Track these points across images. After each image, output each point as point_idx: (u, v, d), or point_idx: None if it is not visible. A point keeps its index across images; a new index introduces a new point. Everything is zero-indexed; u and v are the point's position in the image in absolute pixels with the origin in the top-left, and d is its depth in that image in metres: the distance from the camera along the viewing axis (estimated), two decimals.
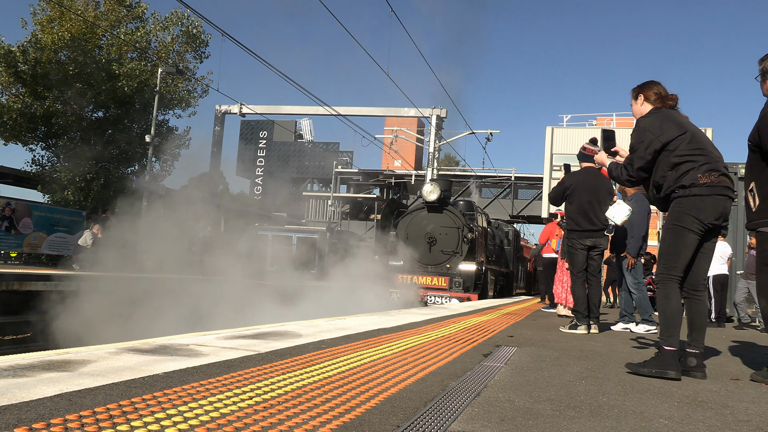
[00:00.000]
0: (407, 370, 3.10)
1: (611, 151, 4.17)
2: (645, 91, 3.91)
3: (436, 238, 14.60)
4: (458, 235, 14.55)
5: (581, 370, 3.59)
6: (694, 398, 2.88)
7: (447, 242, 14.56)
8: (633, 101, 4.00)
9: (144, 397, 2.09)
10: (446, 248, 14.56)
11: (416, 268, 14.64)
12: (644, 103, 3.91)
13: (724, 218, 3.59)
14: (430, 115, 25.52)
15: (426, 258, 14.72)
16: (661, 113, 3.75)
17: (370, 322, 5.69)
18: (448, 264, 14.48)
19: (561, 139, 28.31)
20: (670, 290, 3.55)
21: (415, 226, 14.94)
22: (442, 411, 2.25)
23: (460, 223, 14.60)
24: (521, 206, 35.99)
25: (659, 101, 3.85)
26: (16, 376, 2.28)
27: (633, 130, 3.78)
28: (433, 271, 14.58)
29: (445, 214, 14.75)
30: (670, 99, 3.85)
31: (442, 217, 14.72)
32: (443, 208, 14.77)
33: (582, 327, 6.18)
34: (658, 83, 3.93)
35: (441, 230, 14.62)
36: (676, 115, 3.75)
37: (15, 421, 1.70)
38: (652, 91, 3.88)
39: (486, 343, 4.65)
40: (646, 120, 3.75)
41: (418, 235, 14.75)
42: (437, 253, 14.63)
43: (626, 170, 3.78)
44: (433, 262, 14.68)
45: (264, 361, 3.04)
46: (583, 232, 6.26)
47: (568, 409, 2.43)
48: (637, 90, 3.96)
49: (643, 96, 3.92)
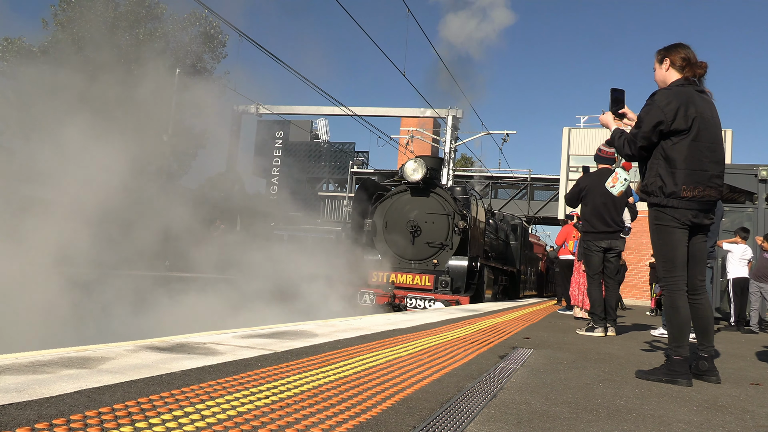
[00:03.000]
0: (423, 371, 3.10)
1: (619, 113, 3.80)
2: (672, 55, 3.57)
3: (421, 227, 11.96)
4: (448, 223, 11.87)
5: (598, 373, 3.56)
6: (714, 403, 2.85)
7: (434, 232, 11.92)
8: (657, 65, 3.65)
9: (162, 394, 2.11)
10: (433, 240, 11.88)
11: (397, 264, 12.11)
12: (669, 69, 3.58)
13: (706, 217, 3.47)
14: (446, 116, 25.47)
15: (408, 252, 12.11)
16: (683, 94, 3.44)
17: (385, 322, 5.69)
18: (436, 259, 11.87)
19: (578, 140, 28.15)
20: (676, 299, 3.47)
21: (396, 213, 12.24)
22: (458, 412, 2.24)
23: (451, 209, 11.87)
24: (537, 207, 35.81)
25: (688, 68, 3.53)
26: (36, 373, 2.30)
27: (647, 102, 3.51)
28: (417, 268, 11.95)
29: (433, 198, 12.05)
30: (699, 67, 3.53)
31: (429, 202, 12.04)
32: (430, 191, 12.09)
33: (599, 329, 6.13)
34: (687, 47, 3.58)
35: (427, 218, 11.94)
36: (696, 100, 3.44)
37: (35, 417, 1.72)
38: (679, 55, 3.55)
39: (502, 344, 4.63)
40: (664, 96, 3.46)
41: (398, 224, 12.12)
42: (422, 245, 11.99)
43: (629, 146, 3.54)
44: (417, 256, 12.07)
45: (280, 360, 3.04)
46: (598, 234, 6.22)
47: (585, 413, 2.41)
48: (663, 53, 3.61)
49: (669, 60, 3.57)
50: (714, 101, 3.58)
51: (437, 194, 12.09)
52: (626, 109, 3.82)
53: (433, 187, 12.12)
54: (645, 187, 3.52)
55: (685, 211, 3.39)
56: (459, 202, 12.23)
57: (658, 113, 3.41)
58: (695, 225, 3.47)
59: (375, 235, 12.36)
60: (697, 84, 3.55)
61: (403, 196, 12.31)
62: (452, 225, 11.84)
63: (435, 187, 12.14)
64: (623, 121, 3.79)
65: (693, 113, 3.39)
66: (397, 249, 12.14)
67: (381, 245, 12.29)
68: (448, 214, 11.86)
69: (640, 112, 3.53)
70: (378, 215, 12.39)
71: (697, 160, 3.39)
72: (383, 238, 12.28)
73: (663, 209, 3.44)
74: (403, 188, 12.31)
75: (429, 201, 12.05)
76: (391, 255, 12.16)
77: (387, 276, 11.71)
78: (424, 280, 11.62)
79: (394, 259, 12.14)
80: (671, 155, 3.40)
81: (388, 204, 12.40)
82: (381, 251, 12.25)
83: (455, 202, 12.01)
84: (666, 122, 3.39)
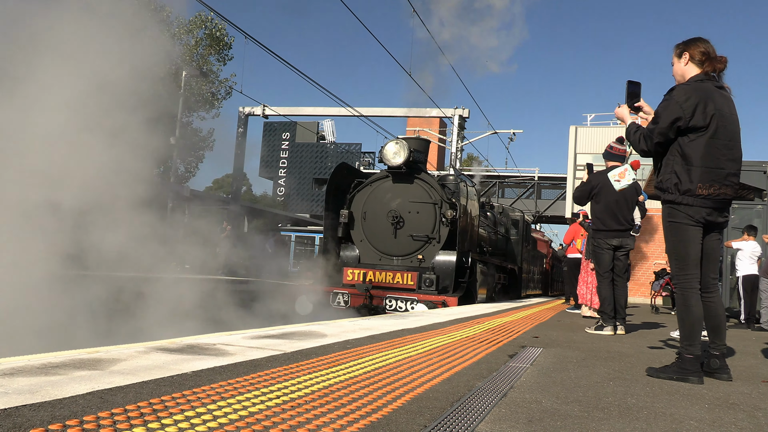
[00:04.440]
0: (433, 370, 3.10)
1: (634, 107, 3.73)
2: (691, 49, 3.51)
3: (404, 218, 10.47)
4: (434, 213, 10.41)
5: (608, 371, 3.55)
6: (725, 400, 2.83)
7: (419, 224, 10.45)
8: (675, 59, 3.59)
9: (174, 395, 2.12)
10: (417, 232, 10.41)
11: (377, 260, 10.74)
12: (689, 63, 3.52)
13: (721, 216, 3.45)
14: (453, 115, 25.46)
15: (390, 246, 10.64)
16: (702, 90, 3.39)
17: (393, 322, 5.70)
18: (421, 254, 10.38)
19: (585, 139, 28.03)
20: (688, 297, 3.44)
21: (376, 203, 10.79)
22: (469, 411, 2.24)
23: (438, 197, 10.39)
24: (545, 206, 35.73)
25: (708, 63, 3.47)
26: (49, 374, 2.32)
27: (665, 97, 3.46)
28: (400, 265, 10.52)
29: (417, 185, 10.58)
30: (719, 61, 3.48)
31: (413, 190, 10.58)
32: (414, 177, 10.62)
33: (608, 328, 6.11)
34: (707, 41, 3.51)
35: (410, 207, 10.47)
36: (715, 96, 3.39)
37: (49, 418, 1.73)
38: (698, 49, 3.49)
39: (511, 343, 4.62)
40: (682, 92, 3.40)
41: (378, 215, 10.68)
42: (405, 239, 10.50)
43: (645, 141, 3.48)
44: (399, 251, 10.62)
45: (290, 360, 3.05)
46: (610, 232, 6.20)
47: (596, 411, 2.41)
48: (682, 47, 3.56)
49: (688, 54, 3.51)
50: (732, 97, 3.54)
51: (422, 180, 10.62)
52: (642, 102, 3.76)
53: (417, 172, 10.67)
54: (660, 183, 3.49)
55: (700, 208, 3.37)
56: (448, 189, 10.82)
57: (676, 109, 3.36)
58: (709, 223, 3.44)
59: (352, 227, 11.06)
60: (716, 79, 3.51)
61: (384, 183, 10.85)
62: (439, 215, 10.38)
63: (420, 173, 10.70)
64: (638, 114, 3.74)
65: (712, 110, 3.35)
66: (377, 243, 10.77)
67: (359, 239, 11.00)
68: (434, 202, 10.39)
69: (657, 107, 3.49)
70: (356, 205, 11.03)
71: (714, 157, 3.36)
72: (361, 231, 10.95)
73: (677, 206, 3.42)
74: (384, 174, 10.88)
75: (413, 188, 10.59)
76: (370, 250, 10.83)
77: (363, 274, 10.30)
78: (405, 279, 10.12)
79: (373, 254, 10.81)
80: (688, 152, 3.37)
81: (367, 192, 10.94)
82: (359, 246, 10.99)
83: (443, 190, 10.58)
84: (684, 118, 3.35)
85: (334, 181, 11.39)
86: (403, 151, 10.27)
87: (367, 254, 10.84)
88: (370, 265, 10.63)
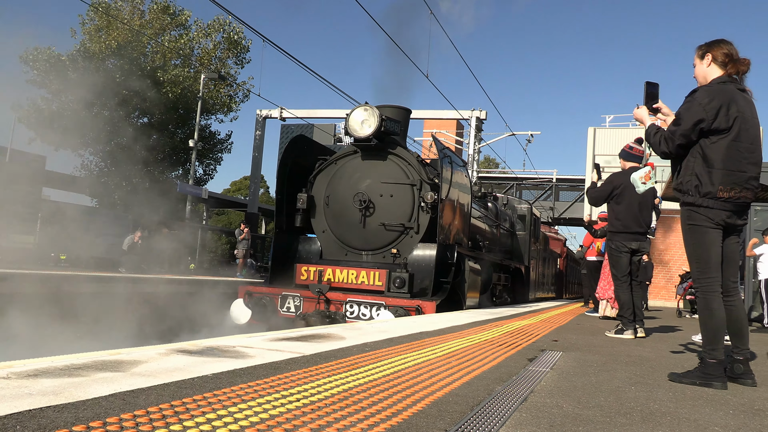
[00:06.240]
0: (452, 373, 3.08)
1: (653, 108, 3.70)
2: (714, 50, 3.47)
3: (374, 202, 8.46)
4: (412, 197, 8.41)
5: (630, 375, 3.51)
6: (750, 406, 2.79)
7: (393, 210, 8.46)
8: (698, 60, 3.55)
9: (195, 397, 2.13)
10: (391, 220, 8.41)
11: (343, 256, 8.79)
12: (711, 65, 3.48)
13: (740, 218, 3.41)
14: (470, 117, 25.40)
15: (358, 238, 8.65)
16: (725, 92, 3.35)
17: (411, 325, 5.68)
18: (396, 248, 8.36)
19: (603, 140, 27.80)
20: (710, 301, 3.39)
21: (341, 184, 8.78)
22: (489, 416, 2.23)
23: (416, 176, 8.44)
24: (563, 208, 35.49)
25: (731, 65, 3.44)
26: (72, 376, 2.34)
27: (687, 98, 3.42)
28: (370, 261, 8.59)
29: (392, 162, 8.58)
30: (742, 63, 3.45)
31: (386, 168, 8.57)
32: (388, 153, 8.63)
33: (628, 331, 6.05)
34: (730, 42, 3.49)
35: (383, 189, 8.46)
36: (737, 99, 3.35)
37: (73, 420, 1.75)
38: (721, 50, 3.46)
39: (530, 347, 4.59)
40: (705, 93, 3.37)
41: (344, 199, 8.66)
42: (376, 229, 8.49)
43: (666, 143, 3.43)
44: (369, 244, 8.63)
45: (309, 363, 3.06)
46: (630, 234, 6.14)
47: (618, 416, 2.38)
48: (705, 48, 3.52)
49: (711, 56, 3.48)
50: (754, 100, 3.50)
51: (398, 156, 8.63)
52: (661, 103, 3.74)
53: (392, 147, 8.68)
54: (679, 185, 3.45)
55: (720, 211, 3.33)
56: (431, 169, 8.92)
57: (699, 111, 3.32)
58: (729, 226, 3.41)
59: (313, 215, 9.09)
60: (738, 82, 3.47)
61: (352, 160, 8.87)
62: (418, 199, 8.40)
63: (395, 147, 8.70)
64: (657, 116, 3.71)
65: (734, 113, 3.32)
66: (343, 234, 8.79)
67: (321, 229, 9.06)
68: (412, 183, 8.41)
69: (679, 109, 3.46)
70: (318, 188, 9.08)
71: (736, 160, 3.32)
72: (324, 220, 8.99)
73: (697, 209, 3.38)
74: (352, 150, 8.89)
75: (386, 166, 8.59)
76: (333, 243, 8.92)
77: (318, 272, 8.25)
78: (372, 278, 8.04)
79: (338, 248, 8.88)
80: (709, 154, 3.33)
81: (331, 172, 8.99)
82: (321, 238, 9.06)
83: (425, 169, 8.66)
84: (707, 120, 3.31)
85: (289, 157, 9.31)
86: (372, 119, 8.25)
87: (331, 248, 8.95)
88: (333, 261, 8.67)
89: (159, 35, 23.37)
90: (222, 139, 26.77)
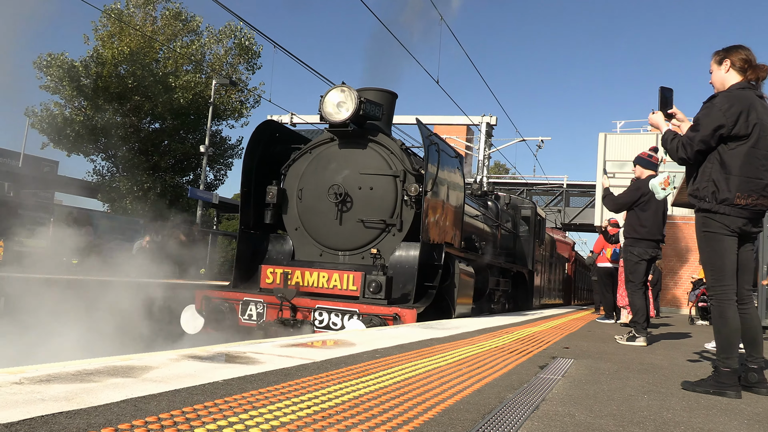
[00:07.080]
0: (463, 381, 3.07)
1: (668, 113, 3.68)
2: (732, 56, 3.44)
3: (352, 196, 7.50)
4: (395, 190, 7.42)
5: (642, 384, 3.48)
6: (765, 416, 2.76)
7: (373, 205, 7.47)
8: (715, 66, 3.52)
9: (206, 404, 2.13)
10: (371, 216, 7.44)
11: (317, 256, 7.78)
12: (730, 70, 3.45)
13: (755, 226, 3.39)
14: (480, 123, 25.36)
15: (334, 236, 7.66)
16: (744, 99, 3.32)
17: (421, 332, 5.67)
18: (376, 247, 7.39)
19: (614, 146, 27.71)
20: (725, 309, 3.36)
21: (315, 175, 7.79)
22: (500, 424, 2.21)
23: (399, 166, 7.45)
24: (573, 214, 35.37)
25: (750, 71, 3.41)
26: (84, 381, 2.35)
27: (705, 104, 3.39)
28: (347, 263, 7.56)
29: (372, 150, 7.60)
30: (761, 69, 3.42)
31: (365, 157, 7.58)
32: (368, 140, 7.63)
33: (641, 339, 6.00)
34: (748, 48, 3.46)
35: (361, 181, 7.50)
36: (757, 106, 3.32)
37: (85, 426, 1.75)
38: (739, 56, 3.43)
39: (541, 354, 4.56)
40: (725, 99, 3.33)
41: (318, 192, 7.67)
42: (354, 226, 7.51)
43: (685, 149, 3.39)
44: (346, 243, 7.64)
45: (320, 369, 3.05)
46: (652, 242, 6.13)
47: (631, 425, 2.36)
48: (723, 54, 3.49)
49: (729, 61, 3.44)
50: None
51: (379, 144, 7.61)
52: (675, 109, 3.72)
53: (373, 133, 7.66)
54: (695, 191, 3.43)
55: (736, 218, 3.31)
56: (418, 158, 8.03)
57: (719, 116, 3.30)
58: (744, 233, 3.38)
59: (285, 210, 8.07)
60: (756, 88, 3.45)
61: (328, 148, 7.85)
62: (402, 192, 7.40)
63: (377, 134, 7.67)
64: (671, 121, 3.69)
65: (754, 119, 3.30)
66: (317, 232, 7.79)
67: (293, 227, 8.03)
68: (395, 174, 7.41)
69: (697, 114, 3.43)
70: (290, 180, 8.06)
71: (754, 167, 3.30)
72: (296, 216, 7.96)
73: (712, 215, 3.35)
74: (329, 137, 7.87)
75: (366, 155, 7.59)
76: (307, 242, 7.90)
77: (284, 274, 7.22)
78: (345, 282, 7.02)
79: (312, 248, 7.86)
80: (727, 161, 3.31)
81: (305, 162, 7.96)
82: (293, 236, 8.04)
83: (409, 158, 7.66)
84: (727, 126, 3.29)
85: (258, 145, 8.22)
86: (350, 102, 7.24)
87: (304, 248, 7.93)
88: (305, 263, 7.65)
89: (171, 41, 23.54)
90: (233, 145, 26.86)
